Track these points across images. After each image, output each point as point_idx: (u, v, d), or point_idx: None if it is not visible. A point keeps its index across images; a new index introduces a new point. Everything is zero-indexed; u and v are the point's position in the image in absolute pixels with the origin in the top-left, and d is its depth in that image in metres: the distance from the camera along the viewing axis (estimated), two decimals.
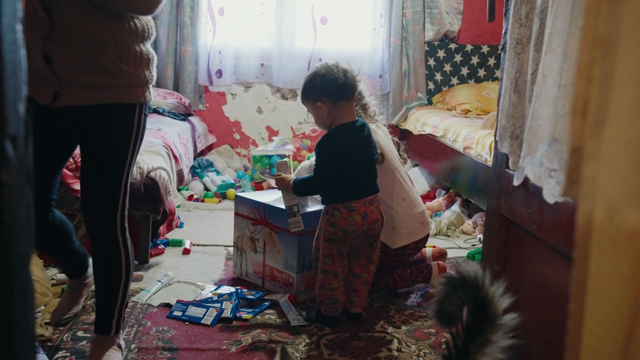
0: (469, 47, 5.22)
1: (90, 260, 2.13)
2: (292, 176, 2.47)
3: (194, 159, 4.45)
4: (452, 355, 1.11)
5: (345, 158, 2.30)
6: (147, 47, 1.88)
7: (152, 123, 3.75)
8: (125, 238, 1.91)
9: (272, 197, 2.72)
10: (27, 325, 0.63)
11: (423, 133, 4.46)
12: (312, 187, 2.40)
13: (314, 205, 2.63)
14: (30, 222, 0.66)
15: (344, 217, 2.28)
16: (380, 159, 2.53)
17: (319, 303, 2.39)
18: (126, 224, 1.92)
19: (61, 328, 2.20)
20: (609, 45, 0.61)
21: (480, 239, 3.51)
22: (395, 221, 2.62)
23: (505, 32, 1.63)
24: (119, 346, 1.98)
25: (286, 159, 2.54)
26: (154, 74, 1.91)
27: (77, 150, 2.71)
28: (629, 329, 0.66)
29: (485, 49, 5.23)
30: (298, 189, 2.40)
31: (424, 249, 2.87)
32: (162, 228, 3.09)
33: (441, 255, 2.87)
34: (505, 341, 1.09)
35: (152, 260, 2.94)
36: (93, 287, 2.56)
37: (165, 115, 4.28)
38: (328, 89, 2.27)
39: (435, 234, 3.65)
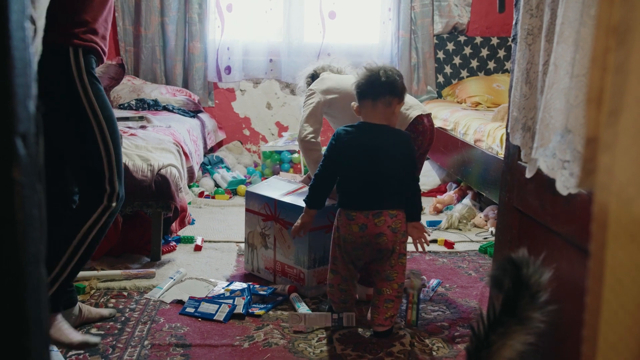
0: (478, 40, 5.19)
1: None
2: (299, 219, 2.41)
3: (204, 155, 4.45)
4: (475, 343, 1.13)
5: (346, 151, 2.24)
6: None
7: (162, 120, 3.76)
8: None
9: (283, 193, 2.71)
10: (40, 323, 0.63)
11: None
12: (315, 184, 2.33)
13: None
14: (42, 220, 0.66)
15: (344, 224, 2.23)
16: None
17: (329, 301, 2.37)
18: None
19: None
20: (624, 33, 0.60)
21: (492, 232, 3.49)
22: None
23: (516, 23, 1.61)
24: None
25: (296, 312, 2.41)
26: None
27: None
28: None
29: (494, 40, 5.19)
30: (310, 198, 2.35)
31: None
32: (174, 225, 3.10)
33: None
34: (527, 338, 1.10)
35: (164, 257, 2.95)
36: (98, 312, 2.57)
37: (174, 112, 4.29)
38: (355, 86, 2.29)
39: (447, 228, 3.63)
